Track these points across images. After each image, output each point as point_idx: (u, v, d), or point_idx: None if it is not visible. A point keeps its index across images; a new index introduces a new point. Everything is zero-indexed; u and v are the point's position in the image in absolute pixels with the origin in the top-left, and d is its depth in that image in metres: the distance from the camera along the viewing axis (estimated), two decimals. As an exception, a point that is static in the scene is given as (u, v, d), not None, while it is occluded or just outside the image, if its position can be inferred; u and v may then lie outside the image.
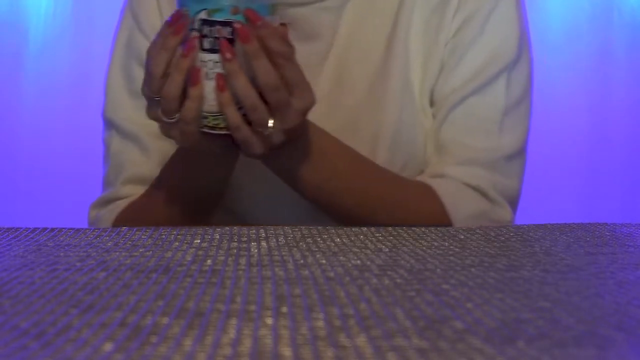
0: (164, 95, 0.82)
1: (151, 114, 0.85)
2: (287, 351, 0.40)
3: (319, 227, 0.82)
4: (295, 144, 0.89)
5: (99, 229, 0.80)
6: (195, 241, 0.72)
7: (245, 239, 0.74)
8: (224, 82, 0.81)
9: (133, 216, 1.00)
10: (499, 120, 1.00)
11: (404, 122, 1.01)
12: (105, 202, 1.05)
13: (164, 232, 0.77)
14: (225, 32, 0.81)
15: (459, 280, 0.57)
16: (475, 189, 0.99)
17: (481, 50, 1.01)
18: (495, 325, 0.45)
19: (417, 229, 0.83)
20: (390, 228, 0.83)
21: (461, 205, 0.97)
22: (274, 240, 0.73)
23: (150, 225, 0.92)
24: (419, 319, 0.46)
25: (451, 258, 0.66)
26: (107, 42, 2.08)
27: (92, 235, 0.76)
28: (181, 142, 0.85)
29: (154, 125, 1.02)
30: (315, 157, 0.91)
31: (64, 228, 0.79)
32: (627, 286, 0.56)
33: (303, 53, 1.01)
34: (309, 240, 0.74)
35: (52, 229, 0.79)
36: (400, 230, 0.81)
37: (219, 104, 0.81)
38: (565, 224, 0.87)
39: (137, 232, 0.77)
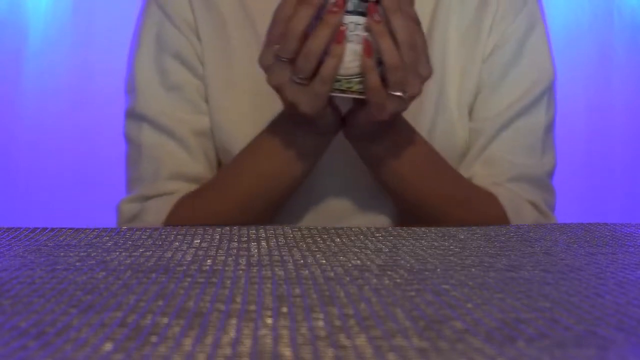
0: (305, 53, 0.82)
1: (276, 78, 0.85)
2: (287, 351, 0.40)
3: (319, 227, 0.82)
4: (388, 132, 0.90)
5: (98, 228, 0.80)
6: (195, 241, 0.72)
7: (245, 239, 0.74)
8: (369, 46, 0.82)
9: (193, 212, 0.98)
10: (541, 139, 1.05)
11: (436, 133, 1.01)
12: (145, 197, 1.02)
13: (164, 232, 0.77)
14: None
15: (459, 280, 0.57)
16: (530, 202, 1.02)
17: (523, 72, 1.04)
18: (495, 325, 0.45)
19: (417, 229, 0.83)
20: (390, 228, 0.83)
21: (521, 215, 0.99)
22: (274, 240, 0.73)
23: (211, 222, 0.91)
24: (419, 319, 0.46)
25: (451, 258, 0.66)
26: (107, 42, 2.07)
27: (92, 235, 0.76)
28: (309, 106, 0.85)
29: (191, 122, 1.02)
30: (403, 148, 0.93)
31: (64, 228, 0.79)
32: (627, 286, 0.56)
33: None
34: (309, 240, 0.74)
35: (52, 229, 0.79)
36: (400, 230, 0.81)
37: (362, 67, 0.82)
38: (565, 224, 0.87)
39: (137, 232, 0.77)
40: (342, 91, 0.84)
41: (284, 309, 0.48)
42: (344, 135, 0.92)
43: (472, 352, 0.40)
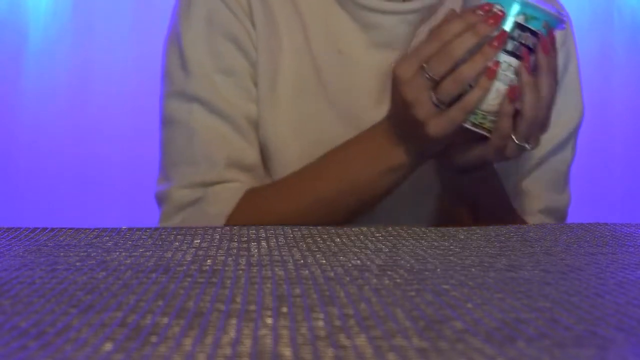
0: (456, 77, 0.83)
1: (413, 92, 0.85)
2: (287, 351, 0.40)
3: (319, 227, 0.82)
4: (482, 167, 0.92)
5: (98, 228, 0.80)
6: (195, 241, 0.72)
7: (245, 239, 0.74)
8: (516, 93, 0.84)
9: (261, 211, 0.96)
10: (566, 175, 1.07)
11: None
12: (204, 184, 0.98)
13: (164, 232, 0.77)
14: (531, 41, 0.84)
15: (459, 280, 0.57)
16: None
17: (558, 112, 1.04)
18: (495, 325, 0.45)
19: (417, 229, 0.83)
20: (390, 228, 0.83)
21: None
22: (274, 240, 0.73)
23: (275, 222, 0.89)
24: (419, 319, 0.46)
25: (451, 258, 0.66)
26: (107, 41, 2.07)
27: (92, 235, 0.76)
28: (438, 129, 0.85)
29: (244, 109, 0.99)
30: (486, 180, 0.95)
31: (64, 228, 0.79)
32: (627, 286, 0.56)
33: (377, 59, 1.00)
34: (309, 240, 0.74)
35: (52, 229, 0.79)
36: (400, 230, 0.81)
37: (501, 109, 0.84)
38: (565, 224, 0.87)
39: (137, 232, 0.77)
40: (474, 124, 0.85)
41: (284, 309, 0.48)
42: (436, 161, 0.93)
43: (472, 352, 0.40)
